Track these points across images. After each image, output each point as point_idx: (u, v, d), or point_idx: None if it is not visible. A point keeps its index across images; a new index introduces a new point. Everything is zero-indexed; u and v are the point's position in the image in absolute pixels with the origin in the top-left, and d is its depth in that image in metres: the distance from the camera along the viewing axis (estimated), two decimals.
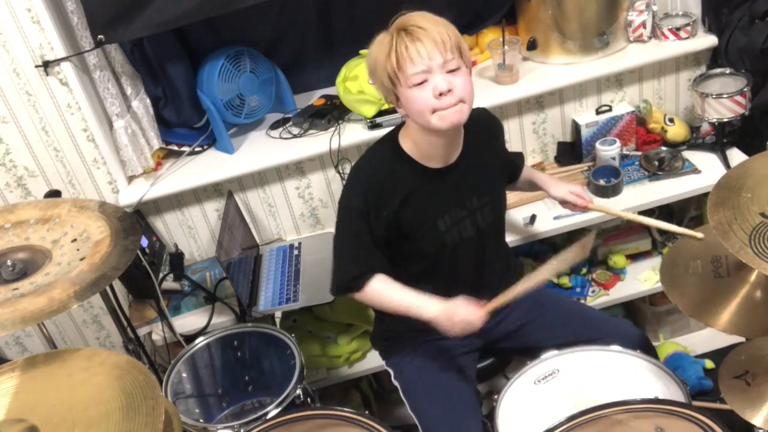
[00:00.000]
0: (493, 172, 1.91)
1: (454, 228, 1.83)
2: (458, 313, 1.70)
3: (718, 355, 2.56)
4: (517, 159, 2.11)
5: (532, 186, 2.12)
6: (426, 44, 1.59)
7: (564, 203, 2.03)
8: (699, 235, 1.76)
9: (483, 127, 1.87)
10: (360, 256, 1.81)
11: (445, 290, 1.79)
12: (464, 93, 1.65)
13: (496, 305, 1.72)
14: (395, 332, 2.01)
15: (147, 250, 2.32)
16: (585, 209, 2.02)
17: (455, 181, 1.81)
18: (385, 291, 1.81)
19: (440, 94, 1.62)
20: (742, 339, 1.72)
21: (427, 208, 1.80)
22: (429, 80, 1.62)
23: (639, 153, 2.54)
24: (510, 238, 2.32)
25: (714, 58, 2.49)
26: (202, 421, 2.03)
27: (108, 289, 2.06)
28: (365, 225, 1.77)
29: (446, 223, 1.82)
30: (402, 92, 1.66)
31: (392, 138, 1.82)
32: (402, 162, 1.78)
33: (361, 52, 2.37)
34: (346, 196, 1.81)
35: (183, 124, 2.46)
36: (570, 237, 2.63)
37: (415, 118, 1.70)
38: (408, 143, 1.78)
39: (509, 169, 2.05)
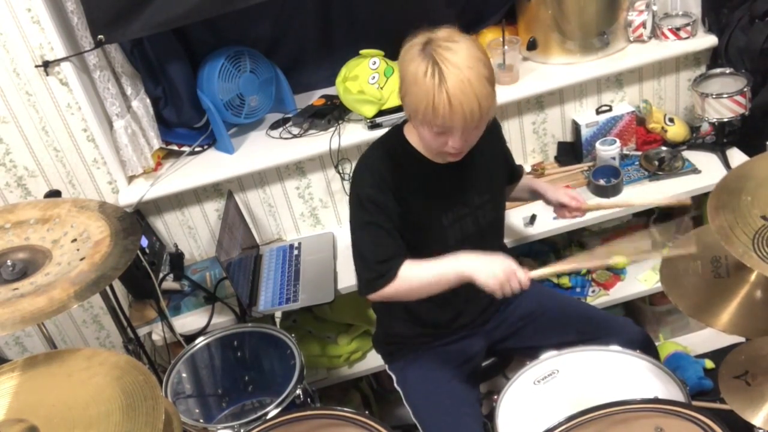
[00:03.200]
0: (493, 171, 1.91)
1: (456, 224, 1.84)
2: (500, 269, 1.65)
3: (718, 355, 2.57)
4: (518, 166, 2.11)
5: (532, 194, 2.11)
6: (457, 114, 1.56)
7: (560, 207, 2.02)
8: (687, 201, 1.73)
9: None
10: (382, 244, 1.75)
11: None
12: (472, 143, 1.69)
13: (541, 274, 1.69)
14: (399, 337, 2.01)
15: (147, 250, 2.32)
16: (580, 212, 1.99)
17: (458, 177, 1.82)
18: (415, 272, 1.74)
19: (451, 152, 1.66)
20: (742, 339, 1.72)
21: (432, 201, 1.80)
22: (448, 136, 1.63)
23: (639, 153, 2.54)
24: (510, 238, 2.32)
25: (714, 58, 2.49)
26: (202, 421, 2.03)
27: (108, 289, 2.06)
28: (380, 212, 1.73)
29: (449, 218, 1.82)
30: (417, 124, 1.66)
31: (398, 131, 1.82)
32: (408, 155, 1.78)
33: (361, 52, 2.37)
34: (357, 186, 1.78)
35: (183, 124, 2.46)
36: (570, 237, 2.63)
37: (423, 143, 1.73)
38: (414, 138, 1.79)
39: (508, 168, 2.05)
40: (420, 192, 1.77)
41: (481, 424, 1.86)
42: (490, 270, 1.65)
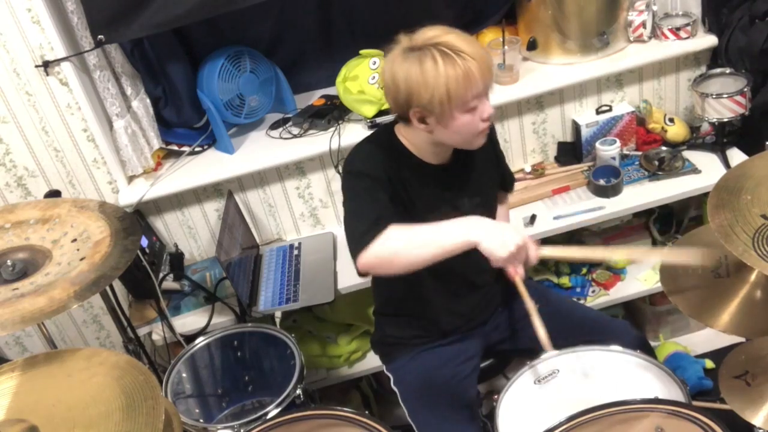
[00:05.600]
0: (484, 174, 1.90)
1: None
2: (515, 242, 1.52)
3: (718, 355, 2.56)
4: (508, 172, 2.08)
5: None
6: (482, 67, 1.58)
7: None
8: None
9: None
10: (373, 207, 1.64)
11: (440, 288, 1.78)
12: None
13: (552, 255, 1.66)
14: (396, 338, 2.00)
15: (147, 250, 2.32)
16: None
17: (448, 180, 1.81)
18: (403, 232, 1.58)
19: (488, 118, 1.64)
20: (742, 339, 1.72)
21: (419, 200, 1.77)
22: (480, 104, 1.62)
23: (639, 153, 2.54)
24: None
25: (714, 58, 2.49)
26: (202, 421, 2.03)
27: (108, 289, 2.06)
28: (374, 184, 1.68)
29: (435, 220, 1.81)
30: (453, 116, 1.61)
31: (388, 131, 1.80)
32: (398, 152, 1.76)
33: (361, 52, 2.37)
34: (350, 164, 1.75)
35: (183, 124, 2.46)
36: (570, 237, 2.63)
37: (452, 137, 1.68)
38: (405, 140, 1.78)
39: (501, 172, 2.03)
40: (408, 191, 1.75)
41: (477, 425, 1.86)
42: (501, 240, 1.52)
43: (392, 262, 1.58)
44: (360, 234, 1.58)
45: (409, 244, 1.57)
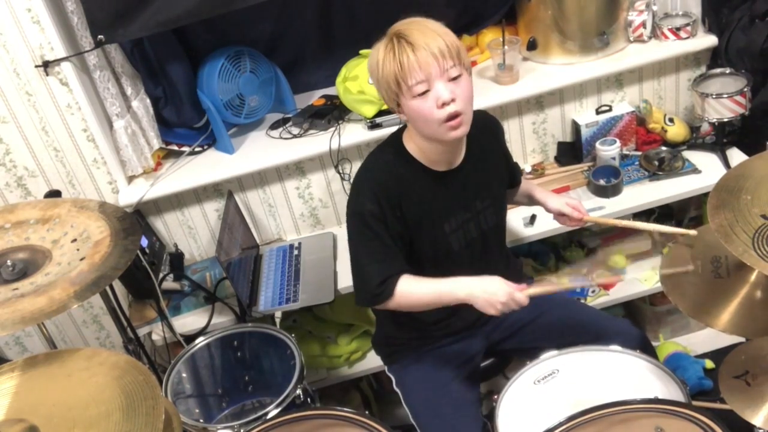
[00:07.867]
0: (495, 175, 1.91)
1: (459, 231, 1.84)
2: (498, 294, 1.66)
3: (718, 355, 2.57)
4: (517, 172, 2.11)
5: (531, 200, 2.11)
6: (423, 54, 1.59)
7: (560, 216, 2.01)
8: (693, 232, 1.76)
9: (485, 130, 1.87)
10: (382, 261, 1.76)
11: None
12: (466, 102, 1.66)
13: (538, 292, 1.70)
14: (398, 339, 2.01)
15: (147, 250, 2.32)
16: (580, 222, 1.99)
17: (459, 184, 1.81)
18: (413, 289, 1.76)
19: (443, 104, 1.62)
20: (742, 339, 1.72)
21: (433, 210, 1.79)
22: (431, 90, 1.62)
23: (639, 153, 2.54)
24: (510, 239, 2.32)
25: (714, 58, 2.49)
26: (202, 421, 2.04)
27: (108, 289, 2.06)
28: (381, 227, 1.74)
29: (451, 225, 1.82)
30: (405, 102, 1.65)
31: (396, 140, 1.82)
32: (407, 164, 1.78)
33: (361, 52, 2.37)
34: (354, 202, 1.78)
35: (183, 124, 2.46)
36: (570, 237, 2.63)
37: (419, 127, 1.70)
38: (412, 146, 1.78)
39: (510, 172, 2.04)
40: (421, 201, 1.77)
41: (480, 425, 1.86)
42: (488, 297, 1.67)
43: (401, 310, 1.82)
44: (370, 295, 1.77)
45: (413, 305, 1.79)
